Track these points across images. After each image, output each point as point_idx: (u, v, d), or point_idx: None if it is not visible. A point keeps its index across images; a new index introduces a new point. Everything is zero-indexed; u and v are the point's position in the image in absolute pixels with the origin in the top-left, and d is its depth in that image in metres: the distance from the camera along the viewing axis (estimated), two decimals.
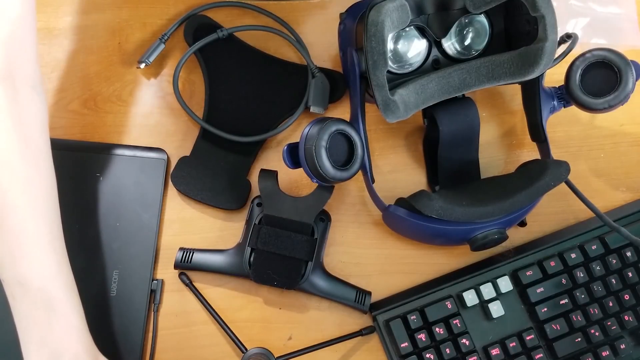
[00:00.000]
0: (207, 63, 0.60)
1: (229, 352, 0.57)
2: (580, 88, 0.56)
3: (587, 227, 0.60)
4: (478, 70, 0.53)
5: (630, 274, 0.58)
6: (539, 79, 0.57)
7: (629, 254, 0.58)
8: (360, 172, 0.54)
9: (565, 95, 0.58)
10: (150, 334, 0.56)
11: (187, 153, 0.59)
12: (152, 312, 0.56)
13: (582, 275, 0.57)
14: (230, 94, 0.60)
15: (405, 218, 0.53)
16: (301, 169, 0.52)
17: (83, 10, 0.62)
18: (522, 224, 0.59)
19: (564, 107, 0.59)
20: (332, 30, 0.62)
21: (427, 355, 0.54)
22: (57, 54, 0.61)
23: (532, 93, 0.58)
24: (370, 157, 0.56)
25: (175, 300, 0.57)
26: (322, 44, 0.63)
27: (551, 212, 0.62)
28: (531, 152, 0.63)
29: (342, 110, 0.63)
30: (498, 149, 0.63)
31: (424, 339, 0.55)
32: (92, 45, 0.61)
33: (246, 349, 0.54)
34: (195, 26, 0.61)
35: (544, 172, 0.53)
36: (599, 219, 0.55)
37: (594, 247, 0.58)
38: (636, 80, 0.55)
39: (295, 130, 0.62)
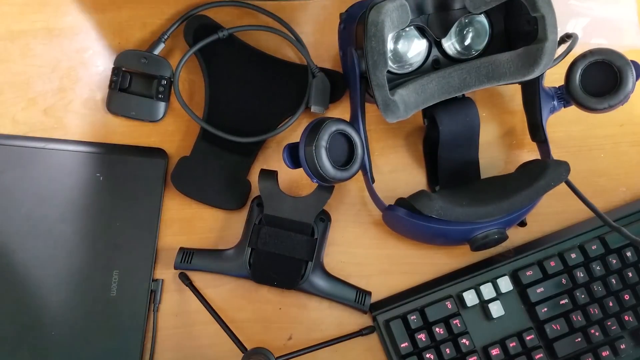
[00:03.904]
0: (207, 63, 0.60)
1: (229, 352, 0.56)
2: (580, 88, 0.56)
3: (587, 227, 0.60)
4: (478, 70, 0.53)
5: (630, 274, 0.58)
6: (539, 79, 0.57)
7: (629, 254, 0.58)
8: (360, 172, 0.54)
9: (565, 95, 0.58)
10: (150, 334, 0.56)
11: (187, 153, 0.59)
12: (152, 312, 0.56)
13: (582, 275, 0.57)
14: (230, 94, 0.60)
15: (405, 218, 0.53)
16: (301, 169, 0.52)
17: (83, 10, 0.62)
18: (522, 224, 0.59)
19: (564, 107, 0.59)
20: (332, 30, 0.62)
21: (427, 355, 0.54)
22: (57, 54, 0.61)
23: (532, 93, 0.58)
24: (370, 157, 0.56)
25: (175, 300, 0.57)
26: (322, 44, 0.63)
27: (551, 212, 0.62)
28: (531, 152, 0.63)
29: (342, 110, 0.63)
30: (498, 149, 0.63)
31: (424, 339, 0.55)
32: (91, 45, 0.61)
33: (246, 349, 0.54)
34: (195, 26, 0.60)
35: (544, 172, 0.53)
36: (599, 219, 0.55)
37: (594, 247, 0.58)
38: (636, 80, 0.55)
39: (295, 130, 0.62)
